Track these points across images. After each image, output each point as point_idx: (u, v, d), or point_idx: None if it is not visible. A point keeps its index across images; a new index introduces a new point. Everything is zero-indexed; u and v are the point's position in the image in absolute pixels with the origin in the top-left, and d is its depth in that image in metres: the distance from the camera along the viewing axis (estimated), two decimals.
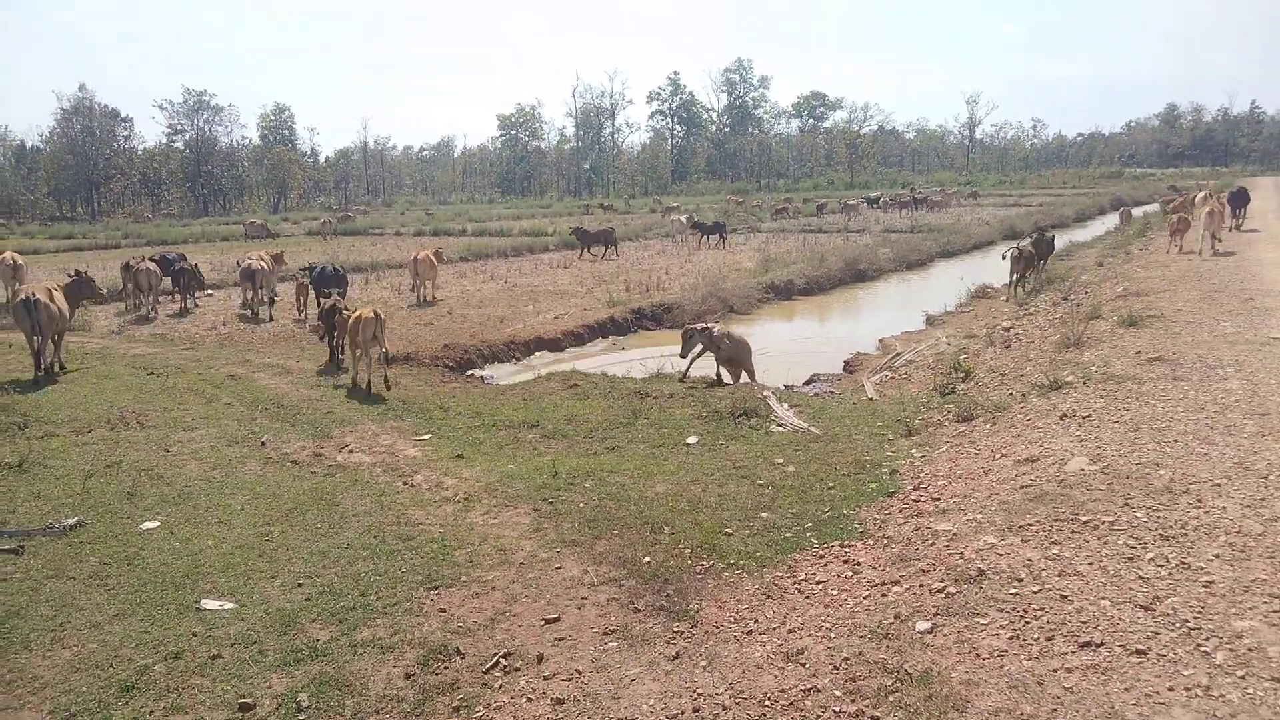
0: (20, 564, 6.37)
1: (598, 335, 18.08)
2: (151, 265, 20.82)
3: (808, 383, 13.11)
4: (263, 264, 19.89)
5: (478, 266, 29.81)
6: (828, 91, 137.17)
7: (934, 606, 5.10)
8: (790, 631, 5.10)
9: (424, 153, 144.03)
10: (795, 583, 5.77)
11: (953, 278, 23.72)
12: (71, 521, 7.06)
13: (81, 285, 15.08)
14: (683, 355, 12.33)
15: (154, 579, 6.11)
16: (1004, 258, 20.07)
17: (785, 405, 10.37)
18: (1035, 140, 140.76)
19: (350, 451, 9.28)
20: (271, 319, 18.94)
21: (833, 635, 4.98)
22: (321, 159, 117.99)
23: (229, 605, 5.72)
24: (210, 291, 23.58)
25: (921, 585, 5.41)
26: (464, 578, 6.11)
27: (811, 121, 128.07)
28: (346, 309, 13.33)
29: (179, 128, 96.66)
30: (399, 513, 7.39)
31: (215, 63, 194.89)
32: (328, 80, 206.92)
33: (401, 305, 20.67)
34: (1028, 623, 4.73)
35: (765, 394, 10.77)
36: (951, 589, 5.26)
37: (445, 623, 5.48)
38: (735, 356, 12.29)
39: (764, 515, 7.03)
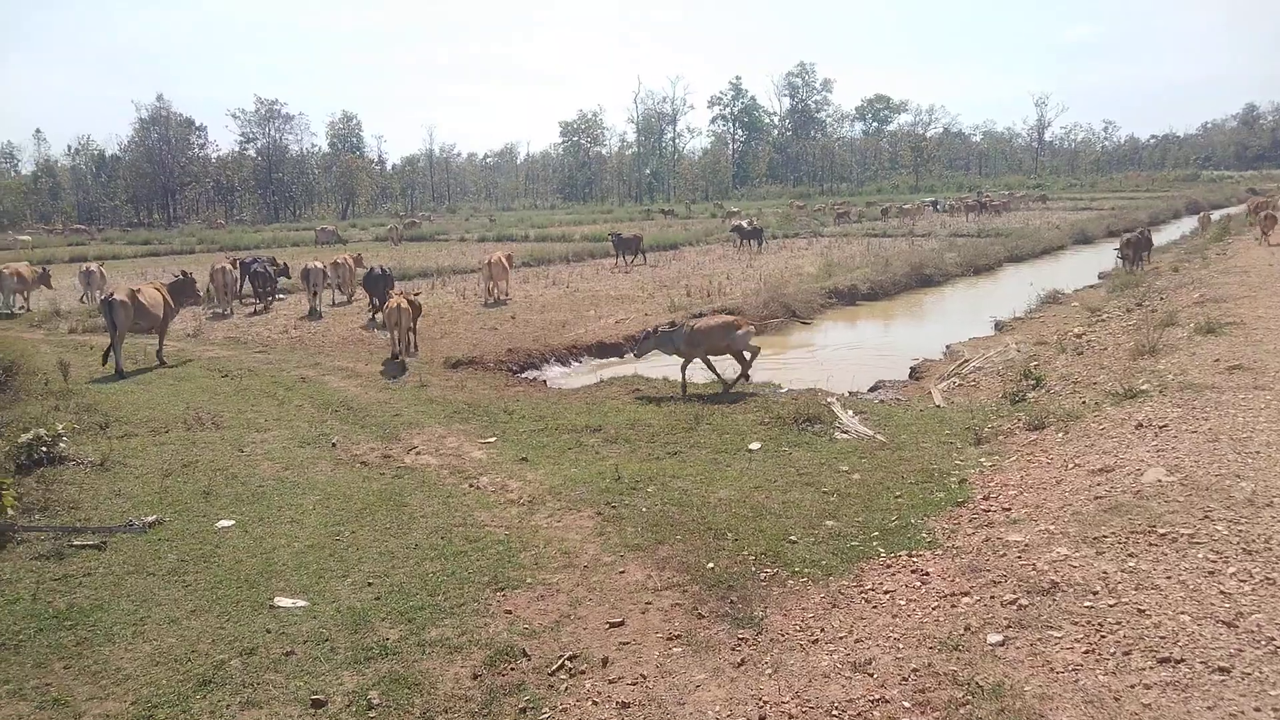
0: (103, 559, 6.59)
1: None
2: (228, 266, 21.82)
3: (873, 389, 12.95)
4: (332, 263, 20.58)
5: (540, 272, 30.06)
6: (892, 94, 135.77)
7: (1006, 619, 5.01)
8: (857, 641, 5.05)
9: (488, 159, 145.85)
10: (862, 592, 5.71)
11: (1022, 283, 23.24)
12: (151, 519, 7.28)
13: (185, 286, 16.02)
14: (637, 357, 12.41)
15: (229, 576, 6.28)
16: (1115, 249, 24.20)
17: (850, 412, 10.27)
18: (1107, 143, 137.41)
19: (418, 453, 9.42)
20: (320, 315, 19.41)
21: (901, 646, 4.92)
22: (388, 166, 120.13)
23: (301, 603, 5.85)
24: (282, 296, 24.14)
25: (992, 597, 5.32)
26: (529, 580, 6.16)
27: (875, 125, 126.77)
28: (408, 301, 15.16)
29: (251, 136, 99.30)
30: (465, 514, 7.48)
31: (286, 72, 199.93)
32: (394, 89, 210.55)
33: (467, 310, 20.94)
34: (1104, 637, 4.62)
35: (829, 400, 10.68)
36: (1024, 601, 5.16)
37: (511, 624, 5.53)
38: (717, 345, 11.86)
39: (829, 523, 6.96)
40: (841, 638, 5.13)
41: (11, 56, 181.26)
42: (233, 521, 7.33)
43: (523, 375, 14.58)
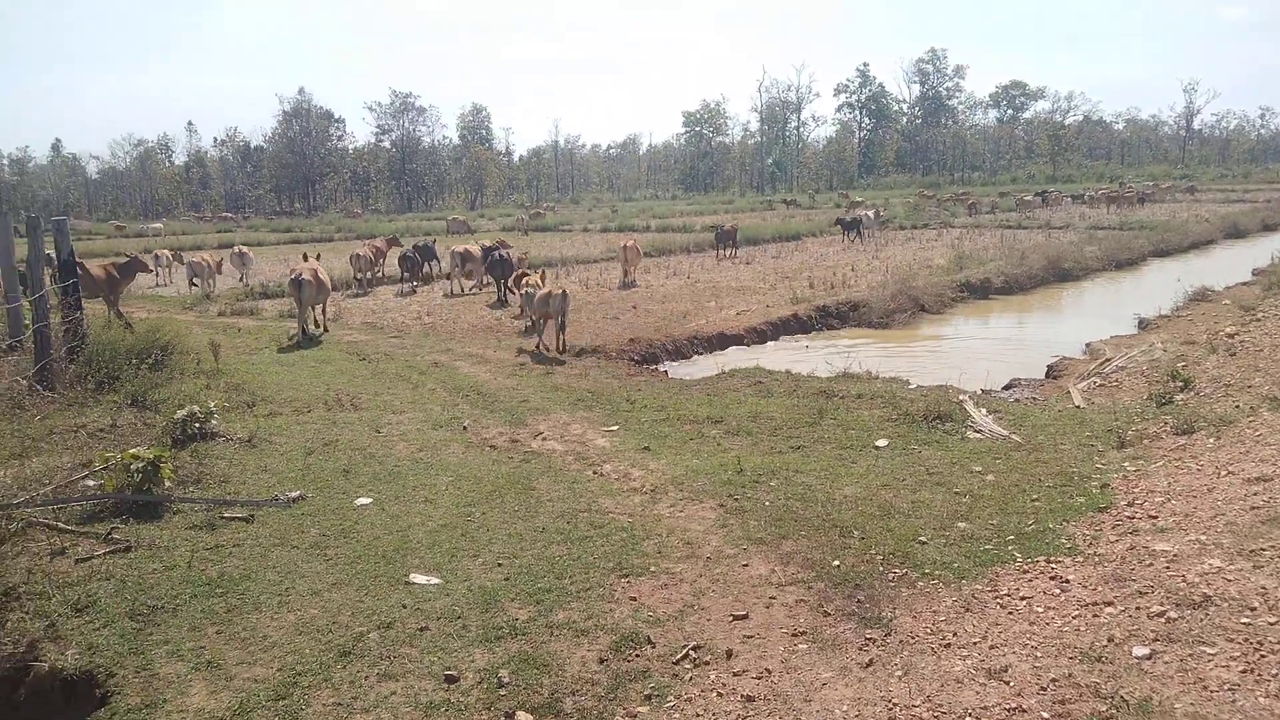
0: (251, 531, 6.97)
1: (781, 332, 17.91)
2: (364, 251, 23.49)
3: (1007, 387, 12.50)
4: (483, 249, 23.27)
5: (661, 262, 30.17)
6: (1029, 80, 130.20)
7: (1153, 631, 4.77)
8: (992, 647, 4.89)
9: (610, 150, 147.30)
10: (997, 597, 5.52)
11: (1167, 278, 22.02)
12: (295, 494, 7.65)
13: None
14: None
15: (367, 552, 6.54)
16: None
17: (983, 410, 9.94)
18: (1262, 130, 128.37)
19: (544, 439, 9.61)
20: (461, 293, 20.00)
21: (1039, 654, 4.74)
22: (515, 157, 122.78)
23: (435, 580, 6.05)
24: (414, 285, 24.97)
25: (1138, 608, 5.06)
26: (653, 568, 6.21)
27: (1010, 112, 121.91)
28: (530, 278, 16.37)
29: (386, 128, 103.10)
30: (589, 500, 7.59)
31: (419, 66, 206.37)
32: (522, 81, 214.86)
33: (589, 299, 21.20)
34: (1263, 656, 4.34)
35: (961, 398, 10.36)
36: (1173, 614, 4.90)
37: (636, 611, 5.58)
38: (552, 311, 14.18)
39: (961, 525, 6.76)
40: (975, 643, 4.98)
41: (168, 54, 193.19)
42: (370, 499, 7.63)
43: (644, 365, 14.67)
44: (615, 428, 9.96)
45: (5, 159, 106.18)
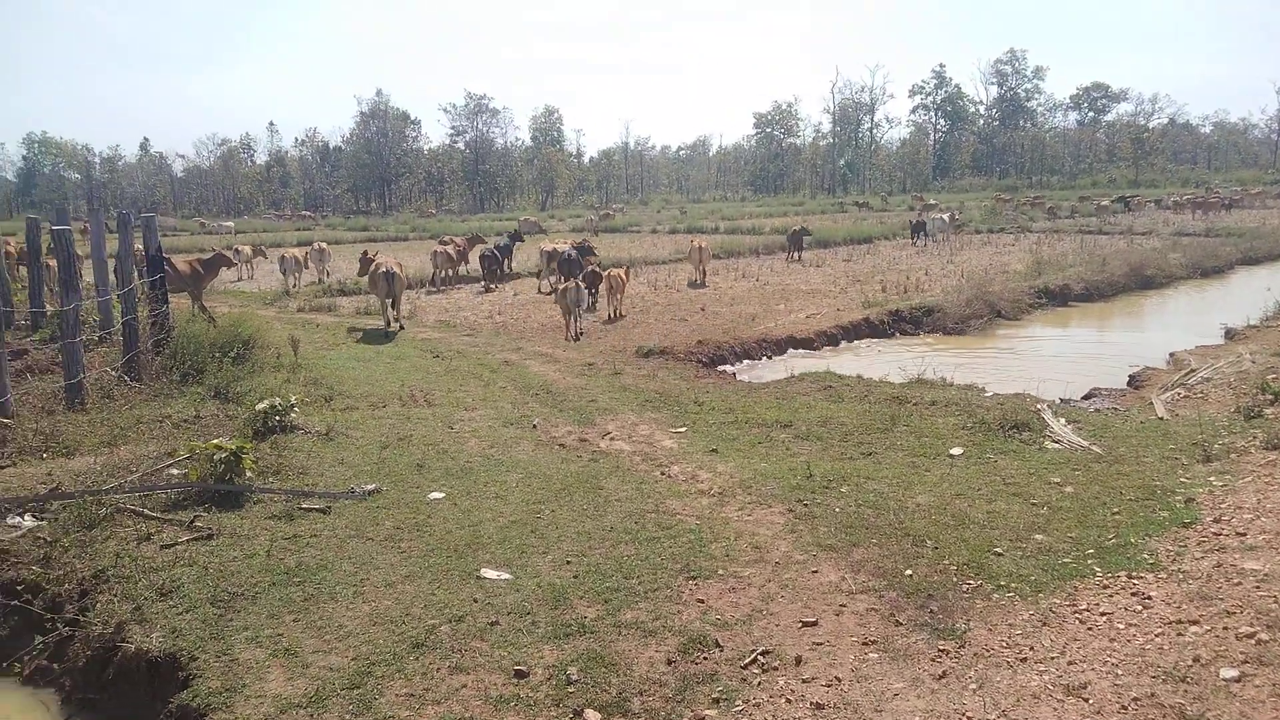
0: (327, 522, 7.13)
1: (852, 337, 17.70)
2: (447, 249, 24.35)
3: (1086, 397, 12.17)
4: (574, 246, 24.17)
5: (729, 264, 30.05)
6: (1111, 82, 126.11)
7: (1242, 653, 4.60)
8: (1070, 663, 4.77)
9: (680, 152, 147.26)
10: (1076, 612, 5.38)
11: (1257, 287, 21.21)
12: (370, 487, 7.81)
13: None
14: None
15: (440, 545, 6.64)
16: None
17: (1062, 420, 9.69)
18: None
19: (612, 439, 9.64)
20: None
21: (1120, 672, 4.61)
22: (585, 159, 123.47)
23: (505, 576, 6.12)
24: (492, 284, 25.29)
25: (1225, 628, 4.89)
26: (720, 571, 6.19)
27: (1091, 115, 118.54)
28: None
29: (460, 129, 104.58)
30: (657, 501, 7.59)
31: (494, 68, 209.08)
32: (594, 81, 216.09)
33: (658, 300, 21.25)
34: None
35: (1039, 406, 10.12)
36: (1263, 635, 4.72)
37: (704, 613, 5.57)
38: None
39: (1038, 537, 6.60)
40: (1053, 658, 4.85)
41: (250, 55, 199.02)
42: (443, 494, 7.75)
43: (712, 367, 14.63)
44: (683, 429, 9.96)
45: (97, 157, 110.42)
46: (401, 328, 17.50)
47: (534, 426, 10.11)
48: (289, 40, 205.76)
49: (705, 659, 5.05)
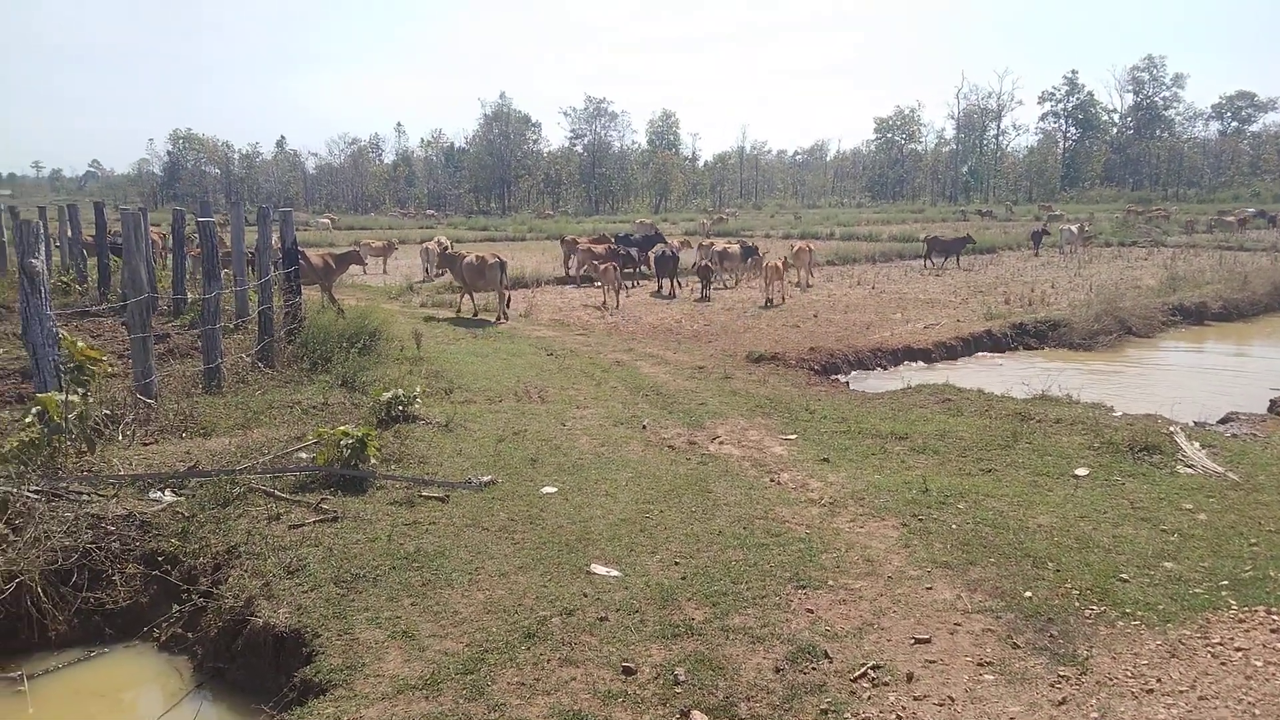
0: (445, 510, 7.33)
1: (972, 349, 17.21)
2: (588, 245, 26.56)
3: (1223, 421, 11.51)
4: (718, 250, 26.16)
5: (844, 271, 29.64)
6: (1258, 90, 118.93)
7: None
8: (1201, 699, 4.54)
9: (797, 156, 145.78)
10: (1208, 645, 5.11)
11: None
12: (486, 479, 8.01)
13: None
14: None
15: (552, 539, 6.76)
16: None
17: (1196, 444, 9.20)
18: None
19: (721, 443, 9.63)
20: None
21: (1256, 713, 4.37)
22: (700, 163, 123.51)
23: (615, 572, 6.18)
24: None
25: None
26: (830, 582, 6.11)
27: (1235, 125, 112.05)
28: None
29: (579, 132, 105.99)
30: (766, 508, 7.54)
31: (615, 72, 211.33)
32: (712, 84, 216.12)
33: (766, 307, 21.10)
34: None
35: (1171, 429, 9.63)
36: None
37: (813, 624, 5.51)
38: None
39: (1167, 565, 6.30)
40: (1182, 691, 4.63)
41: (381, 58, 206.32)
42: (555, 489, 7.88)
43: (824, 375, 14.44)
44: (793, 436, 9.87)
45: (236, 153, 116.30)
46: (507, 319, 18.65)
47: (644, 427, 10.18)
48: (420, 44, 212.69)
49: (814, 669, 5.00)
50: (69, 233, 23.78)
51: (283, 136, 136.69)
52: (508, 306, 19.39)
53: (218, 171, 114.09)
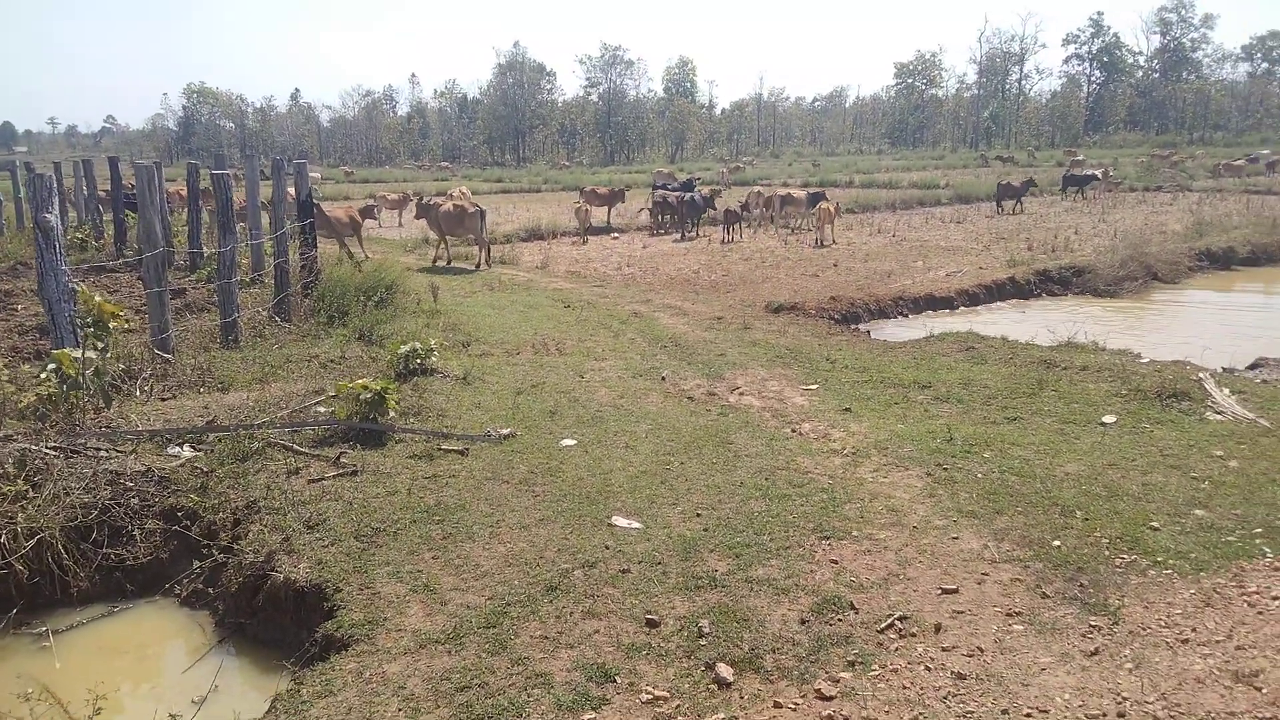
0: (465, 463, 7.28)
1: (995, 297, 16.96)
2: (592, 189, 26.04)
3: (1252, 367, 11.28)
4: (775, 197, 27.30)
5: (864, 219, 29.27)
6: None
7: None
8: (1239, 648, 4.44)
9: (815, 103, 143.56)
10: (1244, 594, 5.01)
11: None
12: (506, 431, 7.94)
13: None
14: None
15: (572, 491, 6.70)
16: None
17: (1225, 390, 9.03)
18: None
19: (741, 394, 9.53)
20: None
21: None
22: (718, 111, 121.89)
23: (636, 525, 6.12)
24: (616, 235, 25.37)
25: None
26: (855, 532, 6.03)
27: (1265, 66, 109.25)
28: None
29: (595, 81, 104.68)
30: (788, 459, 7.45)
31: (630, 19, 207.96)
32: (729, 31, 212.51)
33: (788, 255, 20.89)
34: None
35: (1200, 375, 9.45)
36: None
37: (837, 574, 5.44)
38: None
39: (1198, 513, 6.18)
40: (1218, 641, 4.53)
41: (395, 7, 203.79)
42: (575, 441, 7.81)
43: (845, 324, 14.27)
44: (814, 386, 9.74)
45: (250, 107, 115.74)
46: (490, 266, 19.50)
47: (663, 378, 10.08)
48: None
49: (840, 620, 4.93)
50: (85, 189, 23.72)
51: (297, 89, 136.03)
52: (489, 255, 19.94)
53: (232, 126, 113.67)
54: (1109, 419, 8.27)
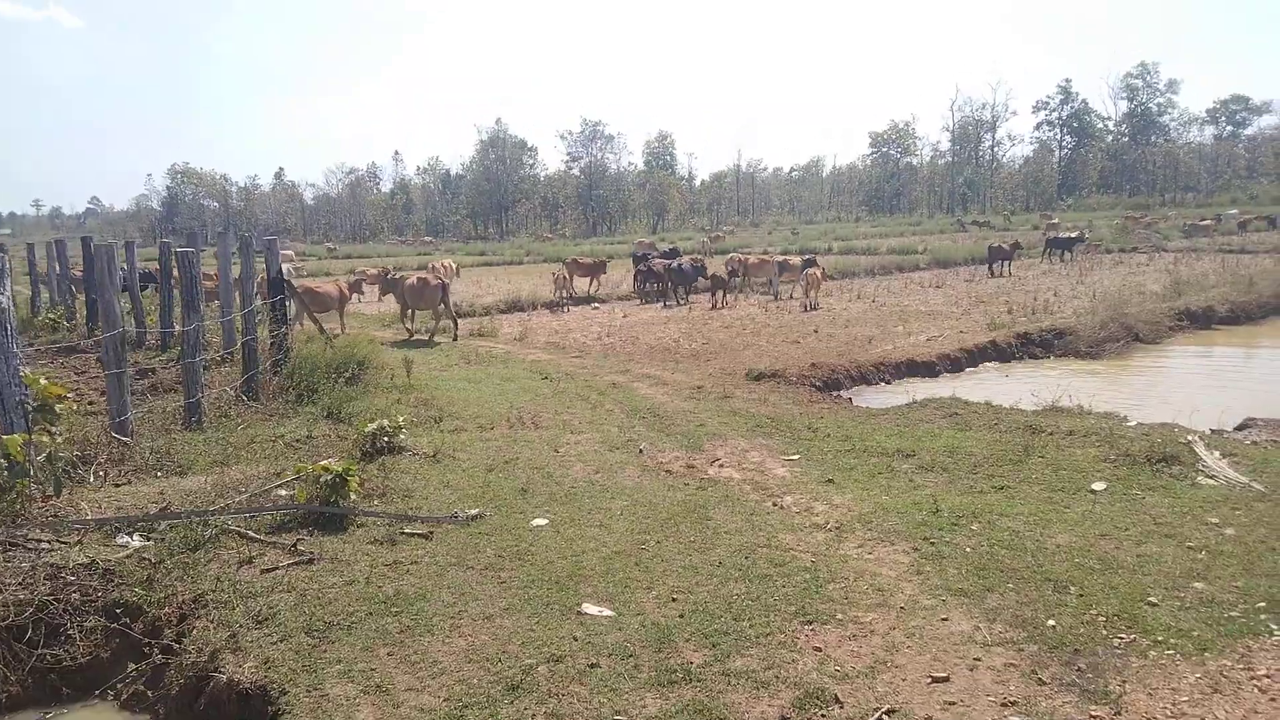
0: (429, 548, 6.93)
1: (977, 360, 16.82)
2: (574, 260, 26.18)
3: (1240, 428, 11.10)
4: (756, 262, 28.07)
5: (843, 285, 29.31)
6: (1252, 94, 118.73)
7: None
8: None
9: (793, 173, 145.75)
10: (1253, 678, 4.69)
11: None
12: (473, 512, 7.60)
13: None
14: None
15: (541, 576, 6.34)
16: None
17: (1215, 453, 8.80)
18: None
19: (720, 465, 9.24)
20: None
21: None
22: (697, 182, 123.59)
23: (607, 612, 5.77)
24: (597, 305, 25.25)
25: None
26: (839, 615, 5.70)
27: (1230, 129, 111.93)
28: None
29: (576, 155, 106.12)
30: (769, 535, 7.13)
31: (610, 95, 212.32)
32: (707, 105, 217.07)
33: (769, 323, 20.77)
34: None
35: (1190, 438, 9.23)
36: None
37: (820, 663, 5.10)
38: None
39: (1197, 585, 5.89)
40: None
41: (375, 87, 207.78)
42: (546, 520, 7.48)
43: (826, 391, 14.05)
44: (796, 457, 9.47)
45: (234, 186, 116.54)
46: (455, 341, 19.00)
47: (640, 451, 9.78)
48: (416, 72, 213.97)
49: (823, 716, 4.58)
50: (57, 269, 23.50)
51: (281, 168, 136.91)
52: (456, 327, 19.72)
53: (216, 205, 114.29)
54: (1098, 486, 8.02)
